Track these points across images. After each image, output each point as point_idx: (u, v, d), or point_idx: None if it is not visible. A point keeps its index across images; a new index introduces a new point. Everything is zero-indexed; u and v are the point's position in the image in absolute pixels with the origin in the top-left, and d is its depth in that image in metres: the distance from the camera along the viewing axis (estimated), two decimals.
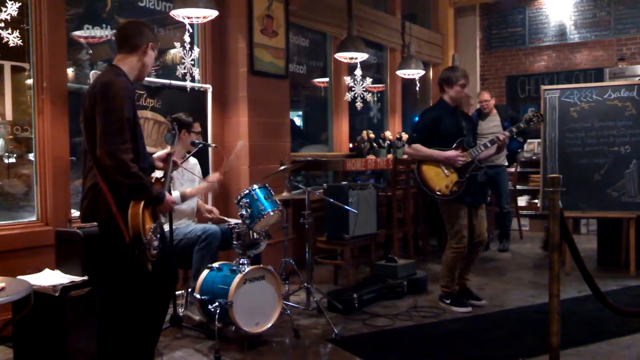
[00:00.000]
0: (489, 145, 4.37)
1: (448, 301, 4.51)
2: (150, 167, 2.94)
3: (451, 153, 4.30)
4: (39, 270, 3.45)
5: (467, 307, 4.47)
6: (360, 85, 6.71)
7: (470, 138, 4.43)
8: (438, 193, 4.34)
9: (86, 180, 2.75)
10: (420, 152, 4.40)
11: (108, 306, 2.82)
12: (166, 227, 3.72)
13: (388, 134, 7.60)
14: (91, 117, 2.66)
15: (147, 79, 4.59)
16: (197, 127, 4.29)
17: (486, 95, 6.72)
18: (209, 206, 4.57)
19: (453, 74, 4.46)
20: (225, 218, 4.42)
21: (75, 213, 4.02)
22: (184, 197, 4.11)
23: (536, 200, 8.60)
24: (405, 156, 6.29)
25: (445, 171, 4.33)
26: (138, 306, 2.79)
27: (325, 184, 5.41)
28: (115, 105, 2.60)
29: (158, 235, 2.74)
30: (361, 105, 6.79)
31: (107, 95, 2.61)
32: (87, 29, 4.53)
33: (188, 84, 4.78)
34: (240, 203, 3.92)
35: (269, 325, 3.72)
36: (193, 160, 4.44)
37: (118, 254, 2.70)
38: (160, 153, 3.14)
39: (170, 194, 3.55)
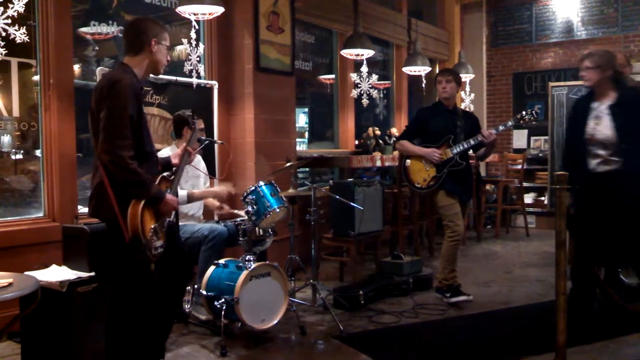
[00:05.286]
0: (472, 142, 4.48)
1: (449, 294, 4.52)
2: (156, 165, 2.93)
3: (428, 150, 4.55)
4: (46, 266, 3.47)
5: (467, 295, 4.50)
6: (366, 82, 6.70)
7: (461, 136, 4.54)
8: (417, 185, 4.63)
9: (94, 178, 2.77)
10: (404, 147, 4.70)
11: (114, 303, 2.83)
12: None
13: (394, 130, 7.59)
14: (96, 110, 2.68)
15: (152, 75, 4.59)
16: (200, 123, 4.28)
17: None
18: (218, 203, 4.55)
19: (437, 76, 4.75)
20: (237, 211, 4.40)
21: (82, 209, 4.03)
22: (191, 198, 4.10)
23: (542, 198, 8.58)
24: (395, 152, 6.49)
25: (426, 166, 4.56)
26: (142, 303, 2.79)
27: (331, 181, 5.41)
28: (120, 103, 2.61)
29: (160, 235, 2.73)
30: (367, 102, 6.78)
31: (112, 92, 2.62)
32: (94, 25, 4.53)
33: (194, 80, 4.78)
34: (246, 199, 3.92)
35: (275, 321, 3.72)
36: (197, 157, 4.43)
37: (121, 251, 2.71)
38: (178, 151, 3.15)
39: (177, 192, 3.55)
